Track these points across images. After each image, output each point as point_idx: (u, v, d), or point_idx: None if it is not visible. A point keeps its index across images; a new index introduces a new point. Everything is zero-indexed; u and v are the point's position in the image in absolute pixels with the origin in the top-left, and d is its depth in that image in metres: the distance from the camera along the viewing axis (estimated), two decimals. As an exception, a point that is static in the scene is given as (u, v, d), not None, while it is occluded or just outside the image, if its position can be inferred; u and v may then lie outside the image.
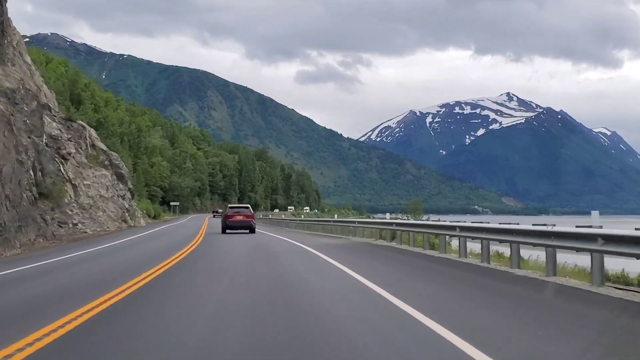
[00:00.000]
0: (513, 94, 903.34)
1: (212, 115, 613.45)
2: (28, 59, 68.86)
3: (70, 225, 42.70)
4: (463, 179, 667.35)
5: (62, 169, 50.22)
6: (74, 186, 51.76)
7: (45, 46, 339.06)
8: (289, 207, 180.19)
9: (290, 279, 14.21)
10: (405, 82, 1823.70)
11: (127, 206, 66.46)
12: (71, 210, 48.68)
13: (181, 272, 16.07)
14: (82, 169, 56.21)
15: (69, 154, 52.72)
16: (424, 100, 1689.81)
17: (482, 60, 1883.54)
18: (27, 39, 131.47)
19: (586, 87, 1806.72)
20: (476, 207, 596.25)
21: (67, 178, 50.70)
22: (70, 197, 50.66)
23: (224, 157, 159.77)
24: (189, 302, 10.51)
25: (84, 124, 71.61)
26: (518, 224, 17.51)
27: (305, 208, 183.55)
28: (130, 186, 74.02)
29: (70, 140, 61.03)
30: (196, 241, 32.24)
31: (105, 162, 70.67)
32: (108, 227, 52.59)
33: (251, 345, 7.18)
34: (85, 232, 41.80)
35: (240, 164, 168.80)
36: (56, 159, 50.32)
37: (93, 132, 74.54)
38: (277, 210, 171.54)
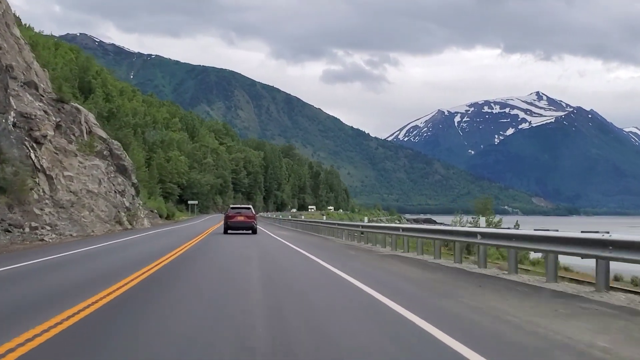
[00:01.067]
0: (542, 93, 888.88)
1: (239, 115, 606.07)
2: (16, 32, 57.22)
3: (27, 230, 30.70)
4: (492, 178, 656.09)
5: (32, 155, 38.32)
6: (49, 178, 39.94)
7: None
8: (309, 207, 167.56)
9: None
10: (432, 81, 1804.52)
11: (127, 204, 54.58)
12: (41, 209, 36.94)
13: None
14: (65, 157, 44.32)
15: (45, 136, 40.79)
16: (452, 100, 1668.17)
17: (511, 59, 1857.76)
18: (57, 39, 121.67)
19: (617, 86, 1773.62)
20: (506, 207, 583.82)
21: (39, 167, 38.85)
22: (43, 191, 38.78)
23: (248, 153, 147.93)
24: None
25: (80, 107, 60.20)
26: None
27: (329, 207, 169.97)
28: (135, 181, 62.22)
29: (61, 125, 49.55)
30: (183, 248, 20.22)
31: (105, 152, 59.06)
32: (93, 231, 40.68)
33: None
34: (44, 240, 29.71)
35: (266, 161, 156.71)
36: (25, 143, 38.50)
37: (91, 117, 63.17)
38: (312, 209, 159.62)
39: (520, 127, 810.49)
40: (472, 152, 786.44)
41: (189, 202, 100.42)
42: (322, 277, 14.19)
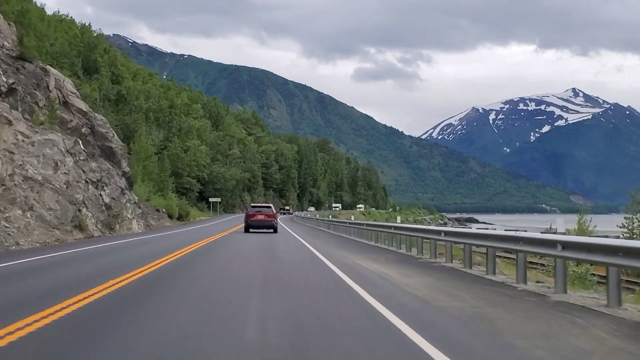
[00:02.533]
0: (579, 90, 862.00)
1: (271, 114, 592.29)
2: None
3: None
4: (528, 176, 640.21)
5: None
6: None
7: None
8: (358, 206, 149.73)
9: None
10: (466, 79, 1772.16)
11: (106, 200, 37.56)
12: None
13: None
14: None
15: None
16: (486, 97, 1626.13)
17: (546, 55, 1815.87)
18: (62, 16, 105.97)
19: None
20: (544, 205, 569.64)
21: None
22: None
23: (280, 145, 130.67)
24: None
25: (51, 69, 43.26)
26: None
27: (359, 206, 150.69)
28: (126, 169, 45.32)
29: (16, 88, 33.41)
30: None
31: (84, 130, 42.48)
32: (18, 243, 23.75)
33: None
34: None
35: (300, 155, 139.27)
36: None
37: (69, 83, 46.37)
38: (360, 208, 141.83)
39: (556, 124, 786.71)
40: (508, 150, 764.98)
41: (210, 199, 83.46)
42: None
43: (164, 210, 59.65)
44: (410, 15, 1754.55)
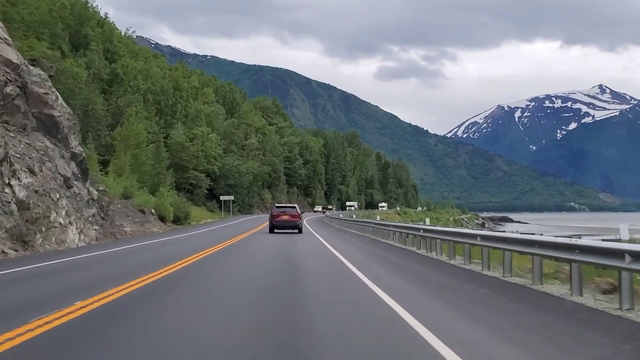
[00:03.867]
0: (606, 86, 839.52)
1: (295, 114, 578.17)
2: None
3: None
4: (555, 174, 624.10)
5: None
6: None
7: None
8: (380, 205, 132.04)
9: None
10: (490, 76, 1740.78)
11: (19, 196, 21.73)
12: None
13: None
14: None
15: None
16: (511, 95, 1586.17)
17: (572, 52, 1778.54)
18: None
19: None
20: (572, 204, 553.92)
21: None
22: None
23: (305, 137, 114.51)
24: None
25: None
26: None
27: (381, 205, 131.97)
28: (77, 149, 29.77)
29: None
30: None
31: (9, 89, 27.02)
32: None
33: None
34: None
35: (327, 149, 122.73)
36: None
37: (-5, 24, 30.67)
38: (383, 207, 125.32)
39: (583, 121, 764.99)
40: (534, 148, 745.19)
41: (222, 197, 67.59)
42: None
43: (152, 211, 44.04)
44: (433, 13, 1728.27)
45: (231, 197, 67.34)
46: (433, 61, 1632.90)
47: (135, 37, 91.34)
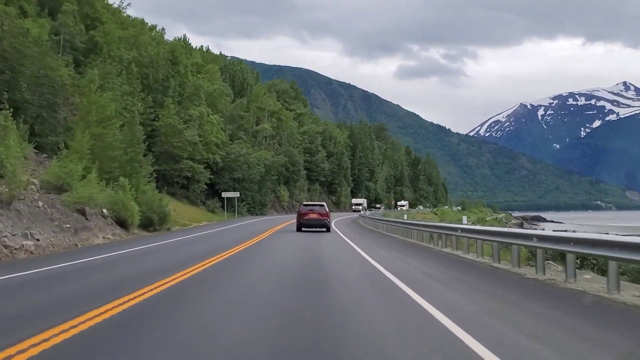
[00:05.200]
0: (630, 83, 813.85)
1: (316, 113, 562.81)
2: None
3: None
4: (580, 173, 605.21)
5: None
6: None
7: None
8: (400, 204, 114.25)
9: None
10: (512, 74, 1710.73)
11: None
12: None
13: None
14: None
15: None
16: (533, 93, 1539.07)
17: (595, 48, 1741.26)
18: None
19: None
20: (599, 202, 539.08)
21: None
22: None
23: (328, 127, 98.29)
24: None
25: None
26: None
27: (401, 203, 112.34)
28: None
29: None
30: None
31: None
32: None
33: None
34: None
35: (353, 140, 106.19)
36: None
37: None
38: (403, 206, 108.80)
39: (607, 118, 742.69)
40: (558, 146, 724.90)
41: (224, 194, 51.87)
42: None
43: (104, 211, 28.50)
44: (453, 11, 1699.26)
45: (236, 194, 51.50)
46: (454, 59, 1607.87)
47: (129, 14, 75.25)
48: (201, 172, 53.31)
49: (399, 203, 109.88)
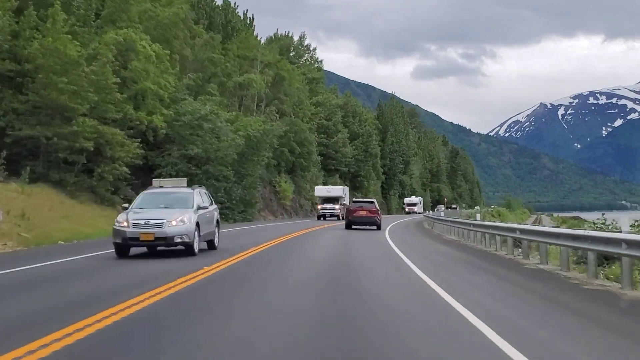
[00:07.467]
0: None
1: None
2: None
3: None
4: (603, 172, 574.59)
5: None
6: None
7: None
8: (439, 204, 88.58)
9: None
10: (531, 73, 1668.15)
11: None
12: None
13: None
14: None
15: None
16: (553, 92, 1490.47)
17: (615, 46, 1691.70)
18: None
19: None
20: (624, 202, 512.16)
21: None
22: None
23: (352, 102, 71.98)
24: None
25: None
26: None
27: (412, 201, 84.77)
28: None
29: None
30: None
31: None
32: None
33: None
34: None
35: (383, 121, 79.59)
36: None
37: None
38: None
39: (629, 117, 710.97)
40: (579, 146, 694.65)
41: (155, 181, 26.46)
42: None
43: None
44: (470, 9, 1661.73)
45: (182, 180, 25.65)
46: (472, 59, 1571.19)
47: None
48: (121, 144, 27.36)
49: (406, 200, 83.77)
